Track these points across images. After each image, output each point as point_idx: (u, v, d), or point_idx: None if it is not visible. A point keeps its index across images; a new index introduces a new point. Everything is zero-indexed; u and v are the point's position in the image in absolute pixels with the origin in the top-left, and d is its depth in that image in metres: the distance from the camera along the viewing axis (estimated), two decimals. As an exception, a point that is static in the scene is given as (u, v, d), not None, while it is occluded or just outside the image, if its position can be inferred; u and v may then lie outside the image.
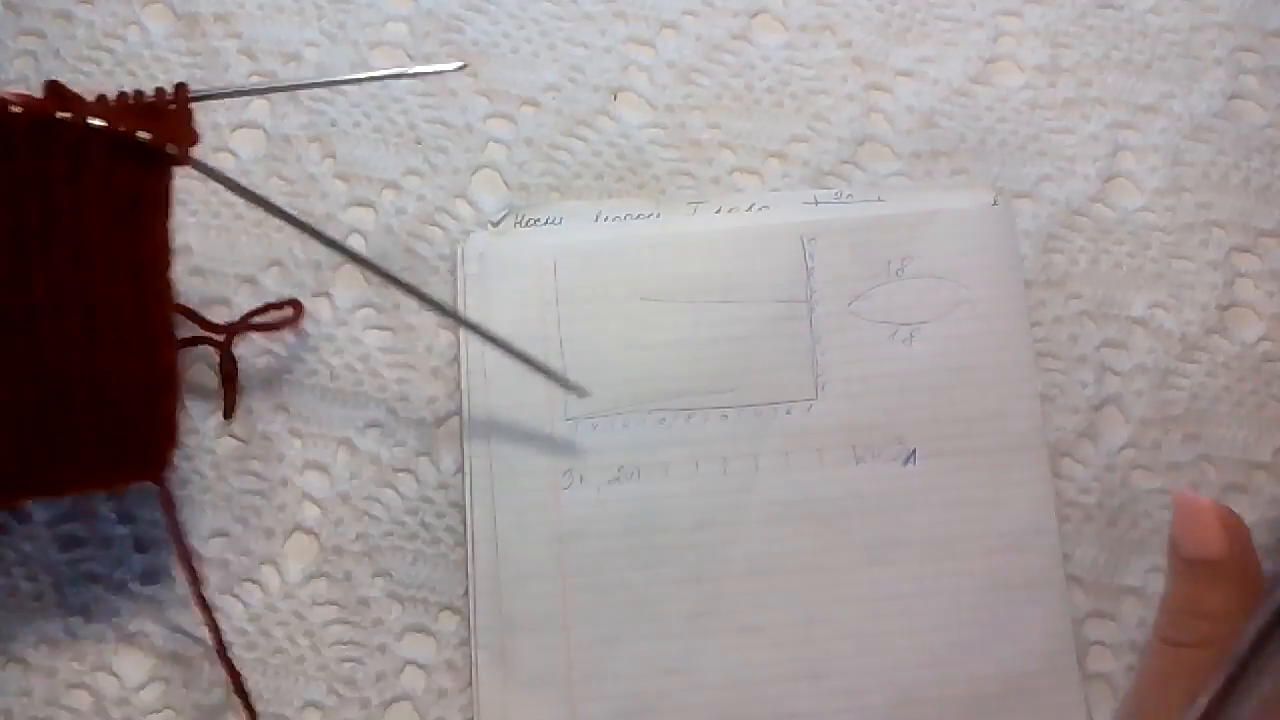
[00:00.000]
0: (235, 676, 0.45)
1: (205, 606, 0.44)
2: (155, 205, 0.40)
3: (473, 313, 0.48)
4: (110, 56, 0.52)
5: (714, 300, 0.48)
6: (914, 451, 0.47)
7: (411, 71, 0.48)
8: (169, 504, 0.43)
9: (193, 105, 0.40)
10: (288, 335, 0.49)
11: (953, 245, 0.48)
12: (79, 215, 0.39)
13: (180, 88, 0.40)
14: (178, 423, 0.43)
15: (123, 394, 0.41)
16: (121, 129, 0.38)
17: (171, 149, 0.39)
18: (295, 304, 0.49)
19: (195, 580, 0.44)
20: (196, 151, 0.40)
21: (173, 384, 0.42)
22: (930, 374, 0.47)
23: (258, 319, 0.49)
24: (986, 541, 0.45)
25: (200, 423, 0.48)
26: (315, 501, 0.48)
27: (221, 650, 0.45)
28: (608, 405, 0.47)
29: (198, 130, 0.40)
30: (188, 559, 0.44)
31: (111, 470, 0.42)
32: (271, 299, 0.49)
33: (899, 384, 0.47)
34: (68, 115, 0.38)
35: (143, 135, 0.39)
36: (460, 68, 0.46)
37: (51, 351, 0.39)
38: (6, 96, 0.37)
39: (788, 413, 0.46)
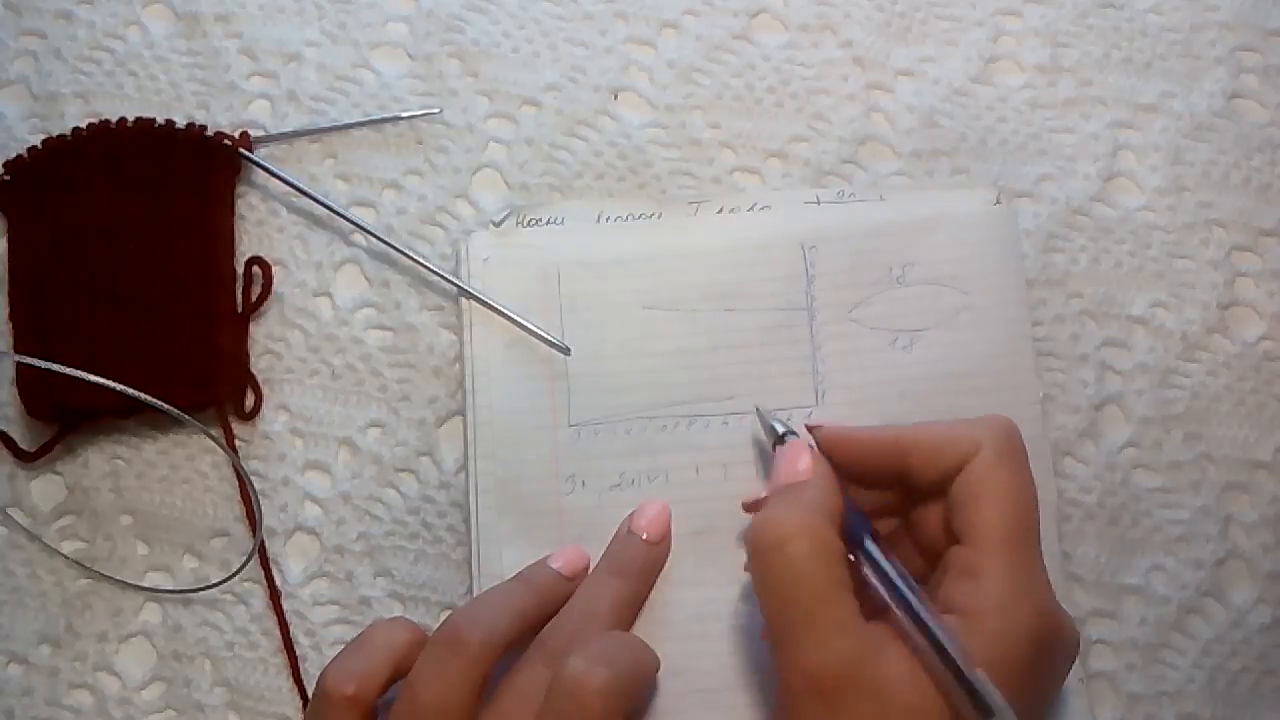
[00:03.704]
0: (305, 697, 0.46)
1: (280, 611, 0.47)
2: (222, 195, 0.50)
3: (477, 319, 0.48)
4: (110, 56, 0.52)
5: (715, 308, 0.48)
6: None
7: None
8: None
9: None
10: (290, 333, 0.49)
11: (955, 250, 0.48)
12: (168, 200, 0.49)
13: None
14: (245, 368, 0.49)
15: (191, 333, 0.48)
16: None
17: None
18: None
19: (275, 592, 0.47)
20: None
21: (234, 328, 0.49)
22: (930, 381, 0.47)
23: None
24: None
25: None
26: (316, 501, 0.48)
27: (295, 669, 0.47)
28: (610, 412, 0.47)
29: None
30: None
31: (183, 393, 0.46)
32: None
33: (898, 391, 0.47)
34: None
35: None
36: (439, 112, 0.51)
37: (142, 295, 0.48)
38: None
39: (788, 419, 0.46)
